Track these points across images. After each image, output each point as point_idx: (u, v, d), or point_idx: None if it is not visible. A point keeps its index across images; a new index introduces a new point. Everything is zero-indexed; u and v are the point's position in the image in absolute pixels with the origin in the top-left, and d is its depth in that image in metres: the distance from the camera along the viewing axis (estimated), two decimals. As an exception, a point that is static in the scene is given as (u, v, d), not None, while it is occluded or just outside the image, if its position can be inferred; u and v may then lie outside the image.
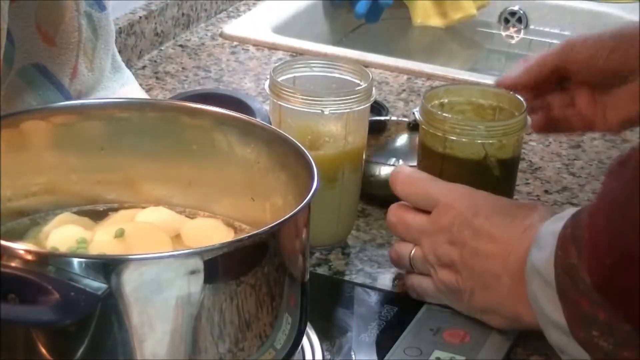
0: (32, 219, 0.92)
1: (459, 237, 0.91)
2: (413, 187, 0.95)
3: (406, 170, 0.97)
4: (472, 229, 0.90)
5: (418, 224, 0.94)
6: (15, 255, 0.72)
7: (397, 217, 0.96)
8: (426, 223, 0.93)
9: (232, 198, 0.93)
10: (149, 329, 0.73)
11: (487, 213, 0.91)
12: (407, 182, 0.96)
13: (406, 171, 0.97)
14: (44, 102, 1.05)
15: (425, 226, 0.93)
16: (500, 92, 1.03)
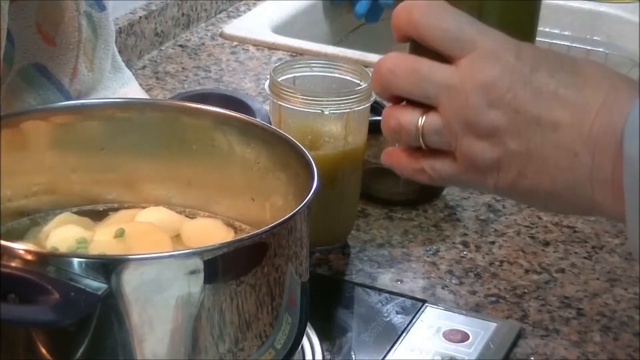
0: (32, 219, 0.92)
1: (509, 99, 0.68)
2: (436, 20, 0.70)
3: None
4: (531, 87, 0.68)
5: (440, 76, 0.70)
6: (15, 255, 0.72)
7: (402, 61, 0.71)
8: (453, 75, 0.69)
9: (232, 198, 0.93)
10: (149, 329, 0.73)
11: (550, 68, 0.68)
12: (428, 12, 0.70)
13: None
14: (44, 102, 1.05)
15: (452, 79, 0.69)
16: None
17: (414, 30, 0.70)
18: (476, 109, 0.69)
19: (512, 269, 1.05)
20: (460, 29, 0.69)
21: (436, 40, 0.70)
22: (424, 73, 0.70)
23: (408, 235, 1.09)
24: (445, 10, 0.70)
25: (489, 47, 0.69)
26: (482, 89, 0.68)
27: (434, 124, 0.71)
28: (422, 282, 1.02)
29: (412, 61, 0.70)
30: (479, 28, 0.70)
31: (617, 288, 1.02)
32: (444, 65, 0.70)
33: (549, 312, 0.98)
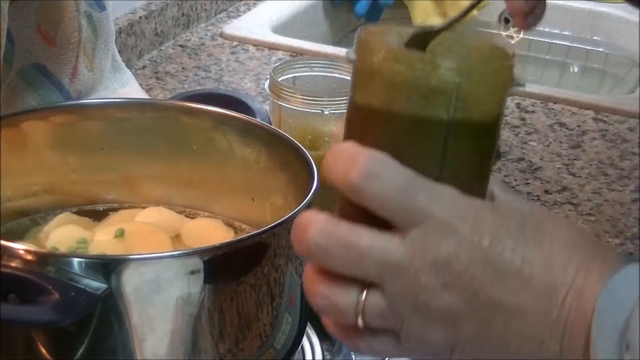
0: (32, 219, 0.92)
1: (467, 280, 0.57)
2: (382, 185, 0.57)
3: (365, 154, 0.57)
4: (491, 267, 0.57)
5: (383, 252, 0.57)
6: (15, 255, 0.72)
7: (333, 232, 0.58)
8: (400, 250, 0.57)
9: (232, 198, 0.93)
10: (149, 329, 0.73)
11: (513, 239, 0.58)
12: (371, 174, 0.57)
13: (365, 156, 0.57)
14: (44, 102, 1.05)
15: (399, 256, 0.57)
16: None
17: (353, 194, 0.57)
18: (428, 291, 0.57)
19: (512, 269, 1.04)
20: (412, 196, 0.57)
21: (381, 209, 0.57)
22: (363, 249, 0.57)
23: (408, 235, 1.09)
24: (391, 170, 0.57)
25: (443, 217, 0.57)
26: (436, 269, 0.57)
27: (376, 305, 0.58)
28: (422, 282, 1.02)
29: (345, 232, 0.57)
30: (431, 192, 0.57)
31: (617, 288, 1.02)
32: (388, 237, 0.57)
33: (549, 312, 0.98)
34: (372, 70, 0.59)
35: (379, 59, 0.59)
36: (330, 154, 0.58)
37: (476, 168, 0.60)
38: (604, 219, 1.12)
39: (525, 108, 1.37)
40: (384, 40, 0.60)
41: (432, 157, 0.58)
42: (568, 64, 1.71)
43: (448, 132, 0.57)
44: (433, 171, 0.58)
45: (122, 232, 0.86)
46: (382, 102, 0.58)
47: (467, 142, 0.58)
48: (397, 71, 0.57)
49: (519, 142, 1.29)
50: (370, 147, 0.57)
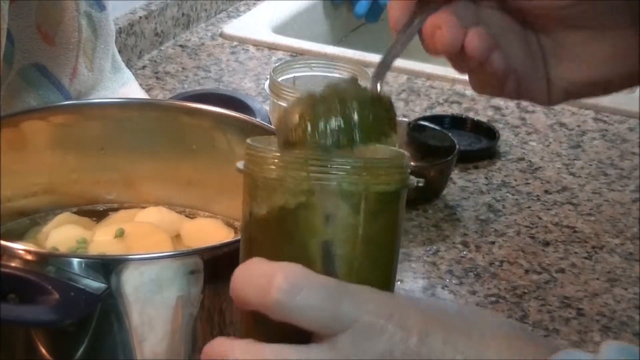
0: (32, 219, 0.92)
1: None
2: (305, 298, 0.55)
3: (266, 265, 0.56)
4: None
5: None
6: (15, 255, 0.72)
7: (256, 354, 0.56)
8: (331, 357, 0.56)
9: (232, 198, 0.92)
10: (149, 329, 0.73)
11: (443, 331, 0.57)
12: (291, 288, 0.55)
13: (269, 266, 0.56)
14: (44, 102, 1.05)
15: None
16: None
17: (275, 313, 0.55)
18: None
19: (512, 269, 1.05)
20: (336, 304, 0.55)
21: (307, 322, 0.55)
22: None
23: (408, 235, 1.09)
24: (311, 281, 0.55)
25: (370, 319, 0.55)
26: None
27: None
28: (422, 282, 1.02)
29: (270, 352, 0.55)
30: (354, 295, 0.56)
31: (617, 288, 1.02)
32: (316, 350, 0.56)
33: (549, 312, 0.98)
34: (266, 179, 0.58)
35: (273, 165, 0.57)
36: (237, 277, 0.57)
37: (389, 257, 0.60)
38: (604, 219, 1.12)
39: (525, 108, 1.37)
40: (263, 148, 0.59)
41: (347, 256, 0.57)
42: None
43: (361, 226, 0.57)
44: (350, 269, 0.57)
45: (122, 232, 0.86)
46: (281, 210, 0.57)
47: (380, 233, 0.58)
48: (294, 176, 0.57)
49: (519, 142, 1.29)
50: (277, 260, 0.56)
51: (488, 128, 1.28)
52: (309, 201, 0.56)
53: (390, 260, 0.60)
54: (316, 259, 0.57)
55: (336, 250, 0.57)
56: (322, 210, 0.56)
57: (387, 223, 0.59)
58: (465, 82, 1.43)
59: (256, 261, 0.57)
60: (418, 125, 1.20)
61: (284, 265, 0.55)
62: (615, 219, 1.13)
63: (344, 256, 0.57)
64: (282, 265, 0.55)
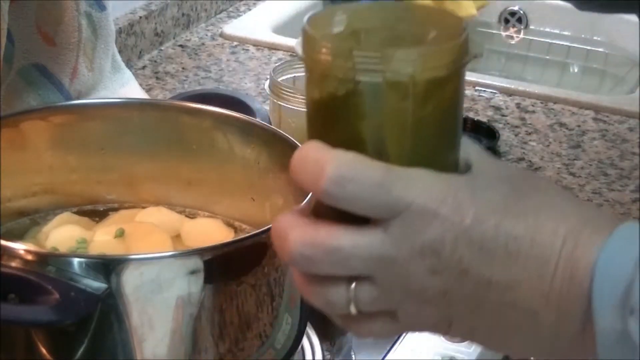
0: (32, 219, 0.92)
1: (454, 262, 0.57)
2: (353, 188, 0.56)
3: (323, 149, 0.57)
4: (477, 246, 0.56)
5: (368, 249, 0.56)
6: (15, 255, 0.72)
7: (313, 239, 0.57)
8: (384, 243, 0.56)
9: (232, 198, 0.93)
10: (149, 329, 0.73)
11: (495, 215, 0.57)
12: (340, 179, 0.56)
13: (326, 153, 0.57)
14: (44, 102, 1.05)
15: (384, 249, 0.56)
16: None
17: (326, 200, 0.56)
18: (418, 277, 0.57)
19: (512, 269, 1.04)
20: (386, 190, 0.55)
21: (357, 209, 0.56)
22: (347, 251, 0.56)
23: (408, 235, 1.09)
24: (360, 169, 0.56)
25: (422, 203, 0.56)
26: (423, 255, 0.56)
27: (369, 295, 0.58)
28: (422, 282, 1.02)
29: (326, 237, 0.56)
30: (406, 180, 0.56)
31: (617, 288, 1.02)
32: (369, 233, 0.56)
33: (549, 312, 0.98)
34: (316, 65, 0.57)
35: (321, 53, 0.57)
36: (295, 160, 0.58)
37: (445, 140, 0.59)
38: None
39: (525, 108, 1.37)
40: (326, 29, 0.59)
41: (398, 140, 0.57)
42: (568, 64, 1.71)
43: (410, 113, 0.57)
44: (402, 154, 0.57)
45: (122, 232, 0.86)
46: (332, 95, 0.57)
47: (432, 117, 0.57)
48: (340, 66, 0.56)
49: (519, 142, 1.29)
50: (332, 143, 0.57)
51: (488, 128, 1.28)
52: (356, 89, 0.56)
53: (447, 141, 0.59)
54: (368, 144, 0.56)
55: (386, 135, 0.57)
56: (369, 98, 0.56)
57: (440, 105, 0.57)
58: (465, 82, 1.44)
59: (312, 146, 0.57)
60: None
61: (335, 154, 0.56)
62: (615, 219, 1.13)
63: (395, 141, 0.57)
64: (333, 154, 0.56)
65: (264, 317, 0.78)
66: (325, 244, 0.56)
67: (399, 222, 0.56)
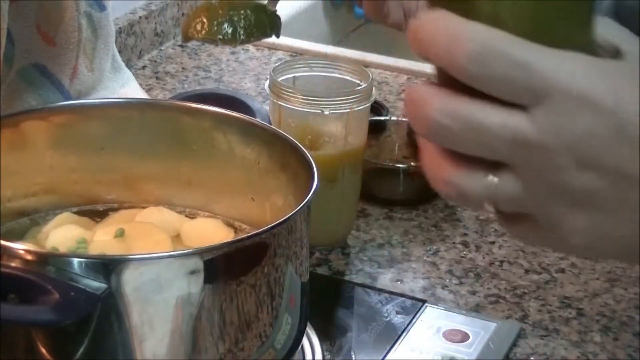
0: (32, 219, 0.92)
1: (608, 158, 0.51)
2: (493, 67, 0.50)
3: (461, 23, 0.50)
4: (628, 140, 0.51)
5: (513, 130, 0.51)
6: (15, 255, 0.72)
7: (456, 109, 0.51)
8: (530, 128, 0.50)
9: (232, 198, 0.93)
10: (149, 329, 0.73)
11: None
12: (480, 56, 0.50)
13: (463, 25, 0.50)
14: (44, 102, 1.05)
15: (530, 134, 0.50)
16: None
17: (462, 77, 0.50)
18: (566, 172, 0.51)
19: (512, 269, 1.05)
20: (532, 72, 0.49)
21: (498, 92, 0.50)
22: (491, 127, 0.50)
23: (408, 235, 1.09)
24: (502, 46, 0.49)
25: (576, 88, 0.50)
26: (572, 147, 0.50)
27: (510, 189, 0.52)
28: (422, 282, 1.02)
29: (470, 109, 0.50)
30: (555, 62, 0.50)
31: (617, 288, 1.02)
32: (516, 115, 0.50)
33: (549, 312, 0.98)
34: None
35: None
36: (424, 31, 0.51)
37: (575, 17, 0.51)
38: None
39: (525, 108, 1.37)
40: None
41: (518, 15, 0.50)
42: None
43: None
44: (523, 30, 0.50)
45: (122, 232, 0.86)
46: None
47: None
48: None
49: (519, 142, 1.29)
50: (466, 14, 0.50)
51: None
52: None
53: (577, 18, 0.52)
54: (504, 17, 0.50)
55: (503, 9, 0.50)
56: None
57: None
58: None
59: (443, 15, 0.51)
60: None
61: (473, 27, 0.50)
62: (615, 219, 1.13)
63: (514, 16, 0.50)
64: (471, 27, 0.50)
65: (264, 317, 0.78)
66: (469, 115, 0.50)
67: (547, 108, 0.50)
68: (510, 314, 0.98)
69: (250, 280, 0.76)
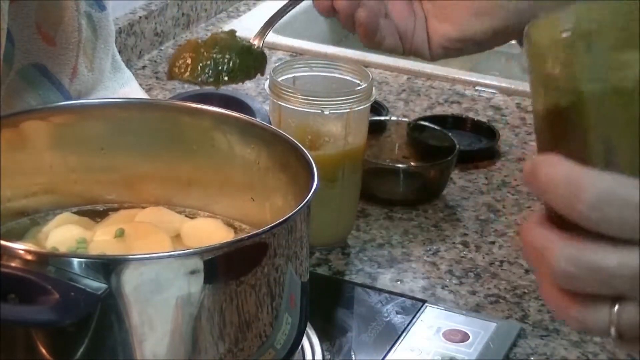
0: (32, 219, 0.92)
1: None
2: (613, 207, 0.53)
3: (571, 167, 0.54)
4: None
5: (630, 269, 0.54)
6: (15, 255, 0.72)
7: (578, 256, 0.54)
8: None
9: (232, 198, 0.93)
10: (149, 329, 0.73)
11: None
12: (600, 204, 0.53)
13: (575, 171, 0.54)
14: (44, 102, 1.05)
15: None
16: None
17: (583, 223, 0.53)
18: None
19: (512, 269, 1.05)
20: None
21: (618, 233, 0.53)
22: (612, 269, 0.53)
23: (408, 235, 1.09)
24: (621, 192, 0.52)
25: None
26: None
27: (633, 319, 0.55)
28: (422, 282, 1.02)
29: (592, 255, 0.53)
30: None
31: (617, 288, 1.02)
32: (633, 252, 0.53)
33: (549, 312, 0.98)
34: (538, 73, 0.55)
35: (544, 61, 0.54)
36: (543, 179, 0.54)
37: None
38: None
39: (526, 108, 1.37)
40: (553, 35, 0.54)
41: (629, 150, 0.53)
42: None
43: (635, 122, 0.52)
44: (634, 164, 0.53)
45: (122, 232, 0.86)
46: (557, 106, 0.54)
47: None
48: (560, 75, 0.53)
49: (519, 142, 1.29)
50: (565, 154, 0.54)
51: (488, 128, 1.28)
52: (579, 99, 0.53)
53: None
54: (597, 156, 0.53)
55: (616, 145, 0.53)
56: (594, 108, 0.53)
57: None
58: (465, 82, 1.44)
59: (560, 162, 0.54)
60: (418, 125, 1.20)
61: (590, 175, 0.53)
62: (615, 219, 1.13)
63: (626, 152, 0.53)
64: (588, 176, 0.53)
65: (264, 317, 0.78)
66: (591, 262, 0.53)
67: None
68: (510, 314, 0.98)
69: (250, 280, 0.76)
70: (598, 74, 0.52)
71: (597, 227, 0.53)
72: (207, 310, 0.74)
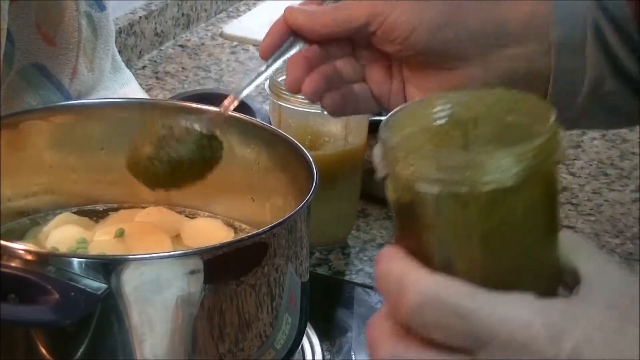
0: (32, 219, 0.92)
1: None
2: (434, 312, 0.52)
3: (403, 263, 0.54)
4: None
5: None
6: (15, 255, 0.72)
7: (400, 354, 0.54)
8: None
9: (232, 198, 0.93)
10: (149, 329, 0.73)
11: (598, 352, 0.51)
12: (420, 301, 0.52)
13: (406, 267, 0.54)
14: (44, 102, 1.05)
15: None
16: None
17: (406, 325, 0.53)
18: None
19: (512, 269, 1.04)
20: (469, 320, 0.51)
21: (440, 338, 0.52)
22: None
23: (408, 235, 1.09)
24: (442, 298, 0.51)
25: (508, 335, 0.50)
26: None
27: None
28: (422, 282, 1.02)
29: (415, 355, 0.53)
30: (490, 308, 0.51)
31: (617, 288, 1.02)
32: (461, 357, 0.52)
33: (549, 312, 0.98)
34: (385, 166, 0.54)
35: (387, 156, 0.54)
36: (379, 272, 0.54)
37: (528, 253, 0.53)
38: (604, 219, 1.12)
39: (525, 108, 1.37)
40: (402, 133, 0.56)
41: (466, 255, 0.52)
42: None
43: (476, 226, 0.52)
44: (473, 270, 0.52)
45: (122, 232, 0.86)
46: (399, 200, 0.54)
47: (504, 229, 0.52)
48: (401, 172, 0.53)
49: (519, 142, 1.29)
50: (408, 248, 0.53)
51: (488, 128, 1.28)
52: (417, 198, 0.52)
53: (531, 254, 0.53)
54: (436, 256, 0.53)
55: (452, 249, 0.53)
56: (431, 209, 0.52)
57: (513, 216, 0.52)
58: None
59: (397, 257, 0.54)
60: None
61: (416, 276, 0.52)
62: (615, 219, 1.13)
63: (463, 256, 0.52)
64: (414, 277, 0.52)
65: (264, 317, 0.78)
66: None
67: (485, 353, 0.51)
68: (510, 314, 0.98)
69: (250, 280, 0.76)
70: (436, 175, 0.51)
71: (421, 332, 0.52)
72: (207, 310, 0.74)
